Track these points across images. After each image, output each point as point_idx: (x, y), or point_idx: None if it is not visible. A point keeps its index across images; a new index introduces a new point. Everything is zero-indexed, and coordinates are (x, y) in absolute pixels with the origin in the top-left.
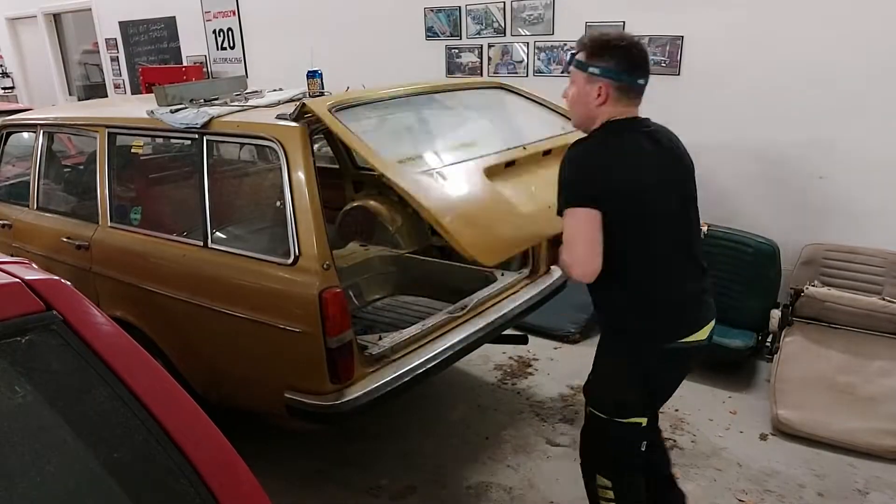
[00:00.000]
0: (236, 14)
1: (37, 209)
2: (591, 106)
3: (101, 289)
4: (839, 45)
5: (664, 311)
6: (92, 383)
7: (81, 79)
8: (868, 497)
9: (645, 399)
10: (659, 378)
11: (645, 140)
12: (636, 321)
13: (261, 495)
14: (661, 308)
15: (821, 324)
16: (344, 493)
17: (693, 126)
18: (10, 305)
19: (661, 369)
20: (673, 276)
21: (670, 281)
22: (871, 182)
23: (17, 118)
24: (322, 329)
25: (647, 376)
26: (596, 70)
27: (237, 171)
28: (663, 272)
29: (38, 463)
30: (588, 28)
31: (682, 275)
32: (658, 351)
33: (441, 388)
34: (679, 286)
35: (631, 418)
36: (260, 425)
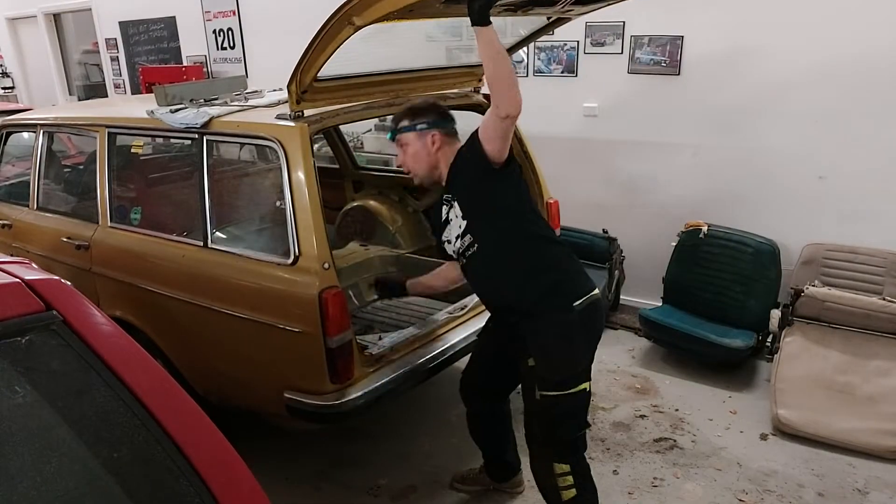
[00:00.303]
0: (236, 14)
1: (37, 209)
2: (431, 153)
3: (101, 289)
4: (839, 44)
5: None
6: (92, 383)
7: (81, 79)
8: (868, 497)
9: (588, 361)
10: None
11: None
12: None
13: (261, 495)
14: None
15: (821, 324)
16: (344, 493)
17: (693, 126)
18: (10, 305)
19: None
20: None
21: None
22: (872, 182)
23: (17, 118)
24: (322, 329)
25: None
26: (424, 125)
27: (237, 171)
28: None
29: (38, 463)
30: (588, 28)
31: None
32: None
33: (441, 388)
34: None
35: (581, 385)
36: (260, 425)
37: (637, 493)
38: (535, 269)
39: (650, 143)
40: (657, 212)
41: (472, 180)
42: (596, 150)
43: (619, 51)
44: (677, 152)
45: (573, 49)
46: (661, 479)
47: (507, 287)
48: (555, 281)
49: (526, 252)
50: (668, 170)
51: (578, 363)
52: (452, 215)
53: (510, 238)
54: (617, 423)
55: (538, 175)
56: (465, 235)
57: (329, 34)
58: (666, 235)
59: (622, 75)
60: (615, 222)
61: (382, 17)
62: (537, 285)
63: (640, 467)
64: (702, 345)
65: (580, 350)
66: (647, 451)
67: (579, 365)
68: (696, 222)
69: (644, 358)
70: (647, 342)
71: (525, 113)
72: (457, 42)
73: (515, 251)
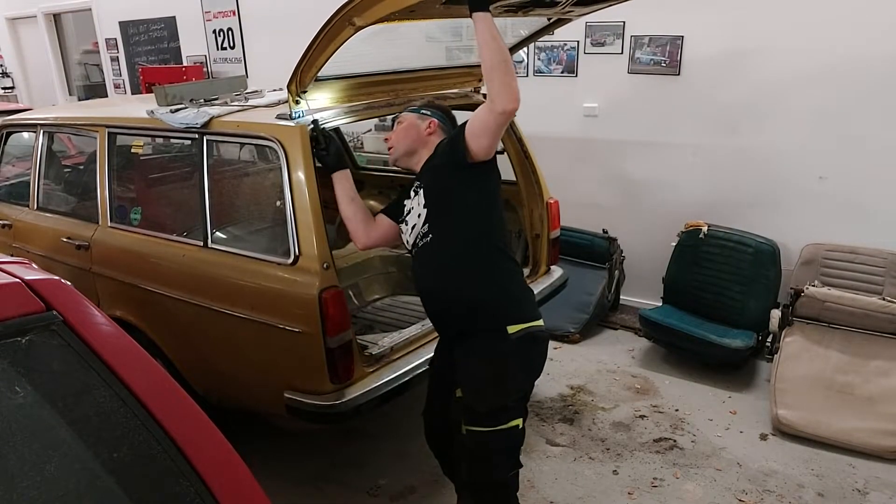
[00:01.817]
0: (236, 14)
1: (37, 209)
2: (422, 135)
3: (101, 289)
4: (839, 44)
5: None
6: (92, 383)
7: (81, 79)
8: (868, 497)
9: (521, 395)
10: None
11: None
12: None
13: (261, 495)
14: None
15: (821, 324)
16: (344, 493)
17: (693, 126)
18: (10, 305)
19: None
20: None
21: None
22: (871, 182)
23: (17, 118)
24: (322, 329)
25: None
26: (427, 112)
27: (237, 171)
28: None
29: (38, 463)
30: (588, 28)
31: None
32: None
33: None
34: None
35: (512, 421)
36: (260, 425)
37: (637, 493)
38: (481, 278)
39: (650, 143)
40: (657, 212)
41: (442, 170)
42: (596, 150)
43: (619, 51)
44: (677, 152)
45: (573, 49)
46: (660, 480)
47: (449, 286)
48: (496, 297)
49: (477, 257)
50: (668, 170)
51: (508, 395)
52: (416, 203)
53: (465, 238)
54: (617, 423)
55: (538, 175)
56: (423, 225)
57: (330, 34)
58: (666, 235)
59: (622, 75)
60: (615, 222)
61: (383, 17)
62: (478, 295)
63: (640, 467)
64: (702, 345)
65: (513, 381)
66: (647, 451)
67: (509, 397)
68: (696, 222)
69: (644, 358)
70: (647, 342)
71: (525, 113)
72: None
73: (467, 253)
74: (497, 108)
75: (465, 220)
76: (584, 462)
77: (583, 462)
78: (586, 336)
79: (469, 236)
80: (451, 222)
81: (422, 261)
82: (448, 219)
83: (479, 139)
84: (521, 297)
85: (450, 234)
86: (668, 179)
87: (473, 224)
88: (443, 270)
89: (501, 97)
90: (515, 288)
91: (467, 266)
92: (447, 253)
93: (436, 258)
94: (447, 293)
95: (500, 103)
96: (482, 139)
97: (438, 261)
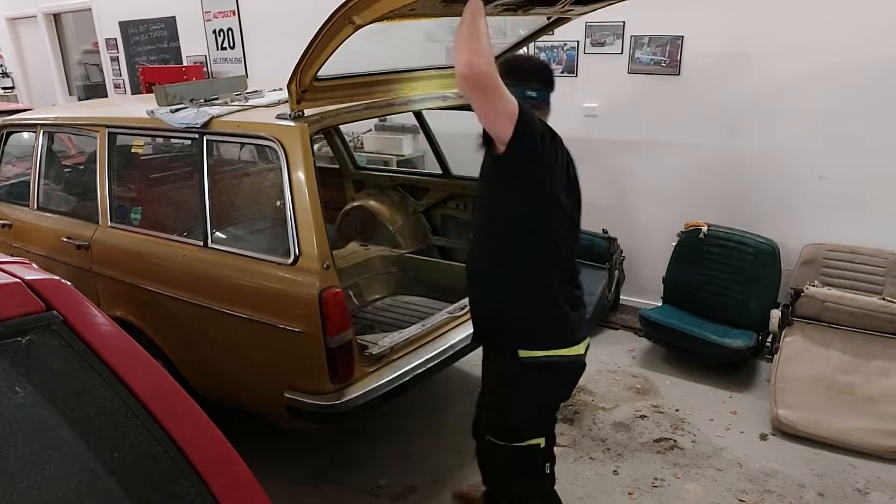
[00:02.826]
0: (236, 14)
1: (37, 209)
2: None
3: (101, 289)
4: (839, 44)
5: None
6: (92, 383)
7: (81, 79)
8: (868, 497)
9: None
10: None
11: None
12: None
13: (261, 495)
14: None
15: (821, 324)
16: (344, 493)
17: (693, 126)
18: (11, 305)
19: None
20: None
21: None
22: (871, 182)
23: (17, 118)
24: (322, 329)
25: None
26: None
27: (237, 171)
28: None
29: (38, 463)
30: (588, 28)
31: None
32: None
33: (441, 388)
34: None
35: (531, 440)
36: (260, 425)
37: (637, 493)
38: (500, 292)
39: (650, 143)
40: (657, 212)
41: (485, 165)
42: (596, 150)
43: (619, 51)
44: (677, 152)
45: (573, 49)
46: (661, 480)
47: (470, 292)
48: (513, 316)
49: (500, 268)
50: (668, 170)
51: (516, 416)
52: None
53: (490, 243)
54: (617, 424)
55: None
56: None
57: (329, 33)
58: (666, 235)
59: (622, 75)
60: (615, 222)
61: (383, 16)
62: (492, 310)
63: (641, 467)
64: (702, 345)
65: (519, 406)
66: (648, 451)
67: (518, 418)
68: (696, 222)
69: (644, 358)
70: (647, 342)
71: None
72: None
73: (490, 260)
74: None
75: (493, 223)
76: (585, 462)
77: (583, 462)
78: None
79: (495, 242)
80: (481, 221)
81: (468, 258)
82: (480, 215)
83: (483, 121)
84: (546, 320)
85: (480, 234)
86: (669, 179)
87: (499, 229)
88: (469, 274)
89: (455, 65)
90: (543, 308)
91: (487, 276)
92: (474, 256)
93: (470, 258)
94: (470, 299)
95: (456, 71)
96: (484, 120)
97: (469, 262)
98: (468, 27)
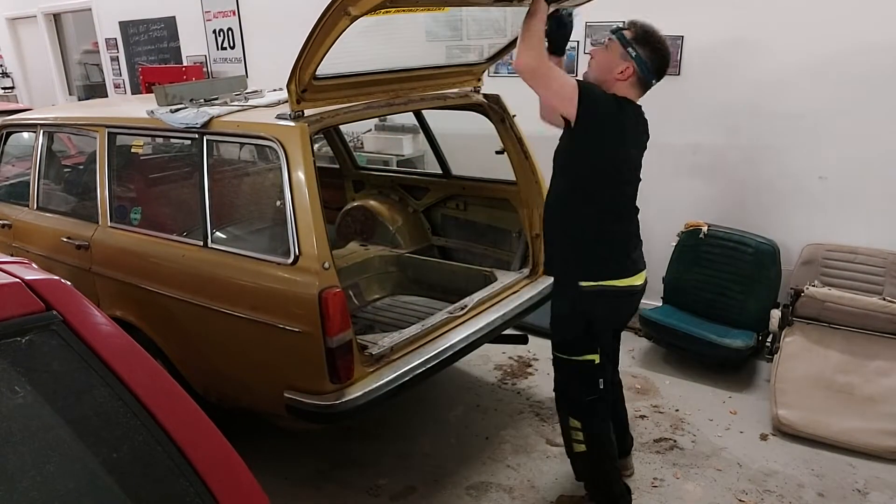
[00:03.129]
0: (236, 14)
1: (37, 209)
2: (613, 76)
3: (101, 289)
4: (839, 44)
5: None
6: (92, 383)
7: (81, 79)
8: (868, 497)
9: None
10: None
11: (638, 118)
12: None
13: (260, 495)
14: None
15: (821, 324)
16: (344, 493)
17: (693, 126)
18: (10, 305)
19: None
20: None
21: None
22: (871, 182)
23: (17, 118)
24: (322, 329)
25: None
26: (633, 52)
27: (237, 171)
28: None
29: (38, 463)
30: (588, 28)
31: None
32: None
33: (441, 388)
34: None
35: (583, 356)
36: (260, 425)
37: (637, 493)
38: (564, 236)
39: (650, 143)
40: (657, 212)
41: (564, 131)
42: None
43: None
44: (677, 152)
45: (573, 49)
46: (661, 480)
47: (547, 230)
48: (570, 254)
49: (569, 212)
50: (668, 170)
51: (571, 333)
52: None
53: (563, 191)
54: None
55: (538, 175)
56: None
57: (326, 27)
58: (666, 235)
59: None
60: None
61: (378, 5)
62: (558, 250)
63: (640, 467)
64: (702, 345)
65: (575, 324)
66: (647, 451)
67: (571, 335)
68: (696, 222)
69: (644, 358)
70: (647, 342)
71: (525, 113)
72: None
73: (562, 206)
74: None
75: (567, 175)
76: None
77: None
78: None
79: (567, 191)
80: (558, 180)
81: (545, 205)
82: (558, 175)
83: (546, 101)
84: (606, 256)
85: (556, 183)
86: (668, 179)
87: (572, 180)
88: (547, 220)
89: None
90: (603, 247)
91: (560, 217)
92: (551, 202)
93: (547, 209)
94: (546, 235)
95: (514, 65)
96: (547, 101)
97: (547, 206)
98: (525, 27)
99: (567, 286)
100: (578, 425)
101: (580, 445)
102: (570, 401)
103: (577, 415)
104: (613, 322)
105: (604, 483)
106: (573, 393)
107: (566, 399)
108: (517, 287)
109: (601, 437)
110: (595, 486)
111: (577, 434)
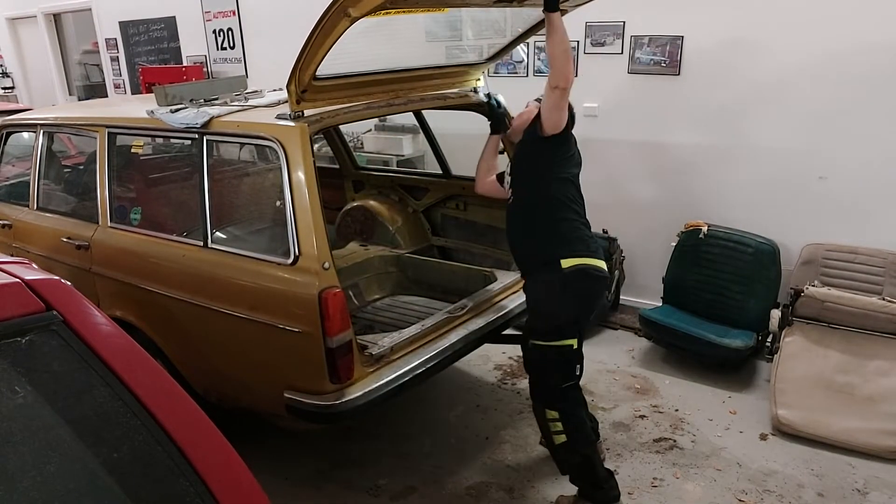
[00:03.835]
0: (236, 14)
1: (37, 209)
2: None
3: (101, 289)
4: (839, 44)
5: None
6: (92, 383)
7: (81, 79)
8: (867, 497)
9: (572, 319)
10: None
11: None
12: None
13: (260, 495)
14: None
15: (820, 324)
16: (344, 493)
17: (693, 126)
18: (10, 305)
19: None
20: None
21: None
22: (871, 182)
23: (17, 118)
24: (322, 329)
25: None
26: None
27: (237, 171)
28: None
29: (38, 463)
30: (588, 28)
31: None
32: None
33: (441, 388)
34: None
35: (564, 340)
36: (260, 425)
37: (637, 493)
38: (540, 229)
39: (650, 143)
40: (657, 212)
41: (524, 142)
42: (596, 150)
43: (619, 51)
44: (677, 152)
45: (573, 49)
46: (660, 480)
47: (518, 238)
48: (552, 238)
49: (538, 210)
50: (668, 170)
51: (559, 317)
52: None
53: (528, 198)
54: (617, 424)
55: None
56: (509, 188)
57: (326, 28)
58: (666, 235)
59: (622, 75)
60: (615, 222)
61: (378, 6)
62: (537, 242)
63: (640, 467)
64: (702, 345)
65: (564, 305)
66: (647, 451)
67: (559, 319)
68: (696, 222)
69: (644, 358)
70: (647, 342)
71: None
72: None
73: (531, 206)
74: (551, 83)
75: (531, 184)
76: None
77: None
78: (586, 336)
79: (531, 197)
80: (521, 185)
81: (507, 216)
82: (520, 182)
83: (548, 113)
84: (573, 239)
85: (519, 195)
86: (668, 179)
87: (535, 186)
88: (514, 227)
89: (553, 76)
90: (570, 232)
91: (531, 216)
92: (517, 212)
93: (512, 214)
94: (515, 246)
95: (553, 80)
96: (550, 113)
97: (512, 217)
98: (563, 47)
99: (546, 270)
100: (556, 416)
101: (560, 436)
102: (546, 390)
103: (553, 404)
104: (593, 304)
105: (588, 468)
106: (549, 381)
107: (542, 389)
108: (517, 287)
109: (578, 423)
110: (580, 474)
111: (556, 425)
